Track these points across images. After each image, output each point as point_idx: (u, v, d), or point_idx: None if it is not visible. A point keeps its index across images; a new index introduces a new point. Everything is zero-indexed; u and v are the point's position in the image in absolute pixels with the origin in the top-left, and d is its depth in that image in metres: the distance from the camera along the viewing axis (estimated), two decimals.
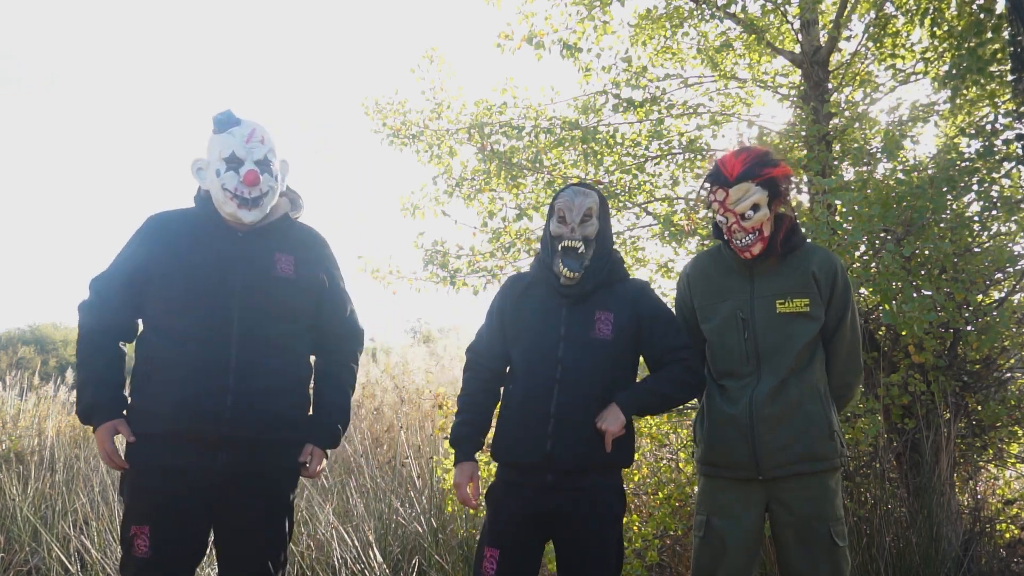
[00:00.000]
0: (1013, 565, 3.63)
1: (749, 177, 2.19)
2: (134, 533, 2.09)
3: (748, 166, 2.20)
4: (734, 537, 2.20)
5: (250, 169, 2.17)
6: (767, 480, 2.18)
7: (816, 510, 2.17)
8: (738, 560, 2.20)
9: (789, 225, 2.27)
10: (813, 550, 2.15)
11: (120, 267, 2.23)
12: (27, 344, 19.39)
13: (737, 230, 2.22)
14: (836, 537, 2.16)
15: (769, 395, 2.17)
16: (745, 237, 2.21)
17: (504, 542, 2.21)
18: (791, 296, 2.21)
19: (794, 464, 2.16)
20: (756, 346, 2.22)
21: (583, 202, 2.29)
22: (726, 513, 2.22)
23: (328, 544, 3.68)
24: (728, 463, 2.23)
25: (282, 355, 2.21)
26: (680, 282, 2.46)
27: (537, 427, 2.19)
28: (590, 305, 2.26)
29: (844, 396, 2.34)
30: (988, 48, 3.61)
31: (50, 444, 6.22)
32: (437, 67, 4.88)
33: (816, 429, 2.18)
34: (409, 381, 7.54)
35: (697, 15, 4.64)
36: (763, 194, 2.20)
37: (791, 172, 2.27)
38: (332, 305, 2.37)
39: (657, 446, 4.30)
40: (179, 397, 2.08)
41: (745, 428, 2.18)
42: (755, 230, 2.21)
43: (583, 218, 2.28)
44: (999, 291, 3.79)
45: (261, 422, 2.15)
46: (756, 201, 2.19)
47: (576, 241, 2.26)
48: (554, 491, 2.17)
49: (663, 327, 2.28)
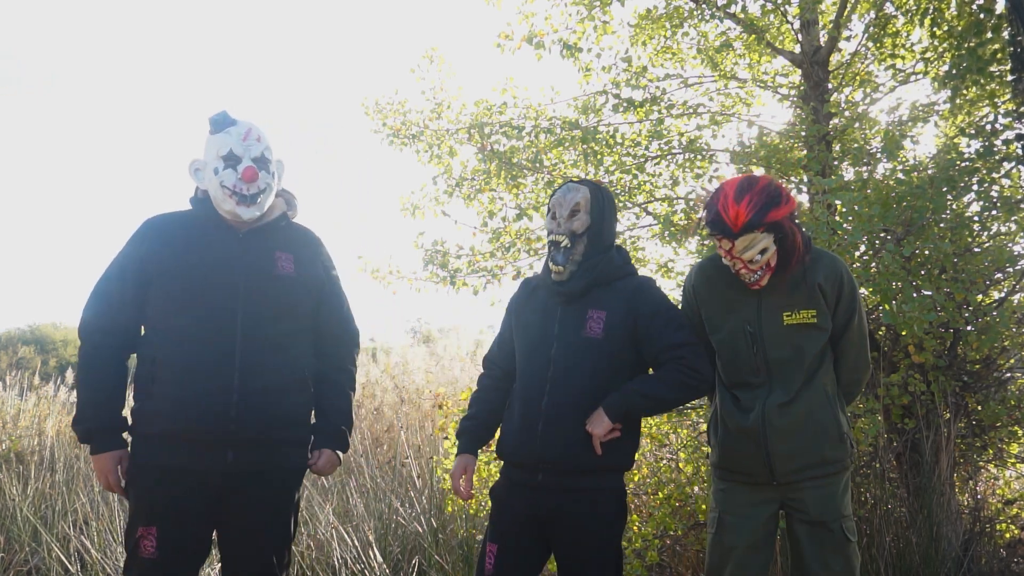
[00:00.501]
0: (1013, 565, 3.63)
1: (754, 227, 2.11)
2: (141, 534, 2.08)
3: (752, 216, 2.09)
4: (745, 534, 2.23)
5: (248, 165, 2.18)
6: (781, 484, 2.22)
7: (828, 509, 2.21)
8: (748, 557, 2.22)
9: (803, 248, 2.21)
10: (826, 548, 2.19)
11: (120, 268, 2.22)
12: (27, 344, 19.38)
13: (744, 272, 2.19)
14: (847, 533, 2.21)
15: (781, 407, 2.19)
16: (752, 276, 2.20)
17: (503, 539, 2.23)
18: (797, 308, 2.21)
19: (807, 470, 2.20)
20: (765, 358, 2.23)
21: (572, 197, 2.29)
22: (738, 510, 2.25)
23: (328, 544, 3.68)
24: (741, 469, 2.27)
25: (286, 353, 2.22)
26: (686, 292, 2.43)
27: (530, 426, 2.20)
28: (584, 304, 2.25)
29: (853, 391, 2.37)
30: (988, 48, 3.61)
31: (50, 444, 6.22)
32: (437, 67, 4.89)
33: (827, 436, 2.21)
34: (409, 381, 7.54)
35: (697, 15, 4.64)
36: (768, 238, 2.15)
37: (795, 205, 2.19)
38: (329, 305, 2.38)
39: (657, 446, 4.30)
40: (185, 397, 2.08)
41: (759, 439, 2.19)
42: (762, 268, 2.19)
43: (570, 212, 2.27)
44: (999, 291, 3.79)
45: (267, 421, 2.15)
46: (763, 247, 2.15)
47: (561, 235, 2.25)
48: (548, 492, 2.17)
49: (662, 324, 2.22)
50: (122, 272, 2.21)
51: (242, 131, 2.21)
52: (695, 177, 4.59)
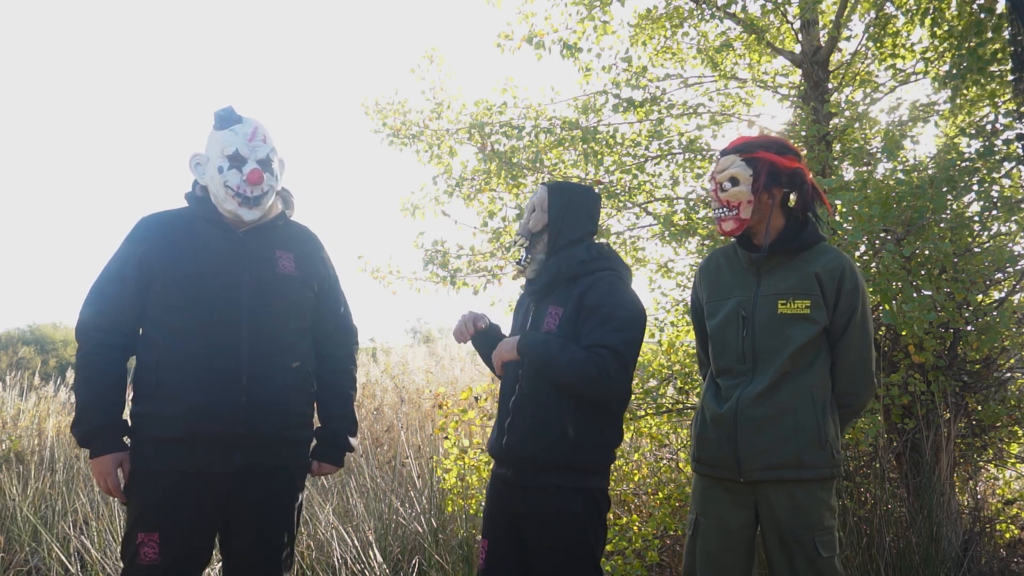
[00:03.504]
0: (1013, 565, 3.63)
1: (739, 151, 2.21)
2: (142, 541, 2.04)
3: (746, 142, 2.23)
4: (719, 537, 2.18)
5: (254, 168, 2.17)
6: (750, 483, 2.14)
7: (801, 519, 2.10)
8: (723, 560, 2.17)
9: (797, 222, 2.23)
10: (795, 559, 2.09)
11: (118, 268, 2.18)
12: (27, 344, 19.40)
13: (713, 199, 2.25)
14: (821, 547, 2.08)
15: (758, 396, 2.13)
16: (719, 209, 2.22)
17: (492, 535, 2.26)
18: (793, 297, 2.17)
19: (776, 469, 2.11)
20: (753, 345, 2.18)
21: (532, 200, 2.38)
22: (713, 513, 2.20)
23: (328, 544, 3.68)
24: (711, 461, 2.21)
25: (291, 352, 2.22)
26: (695, 277, 2.46)
27: (500, 422, 2.27)
28: (548, 301, 2.27)
29: (850, 405, 2.22)
30: (988, 48, 3.61)
31: (50, 444, 6.22)
32: (437, 67, 4.89)
33: (804, 436, 2.11)
34: (409, 381, 7.55)
35: (697, 15, 4.64)
36: (745, 171, 2.18)
37: (799, 167, 2.21)
38: (328, 304, 2.38)
39: (657, 446, 4.31)
40: (193, 400, 2.06)
41: (729, 427, 2.15)
42: (730, 206, 2.19)
43: (529, 212, 2.37)
44: (999, 291, 3.79)
45: (275, 420, 2.15)
46: (735, 175, 2.19)
47: (520, 236, 2.38)
48: (517, 488, 2.19)
49: (597, 321, 2.14)
50: (121, 272, 2.17)
51: (248, 130, 2.20)
52: (695, 177, 4.60)
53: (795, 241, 2.20)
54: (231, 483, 2.11)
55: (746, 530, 2.18)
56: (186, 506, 2.06)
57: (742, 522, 2.17)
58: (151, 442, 2.11)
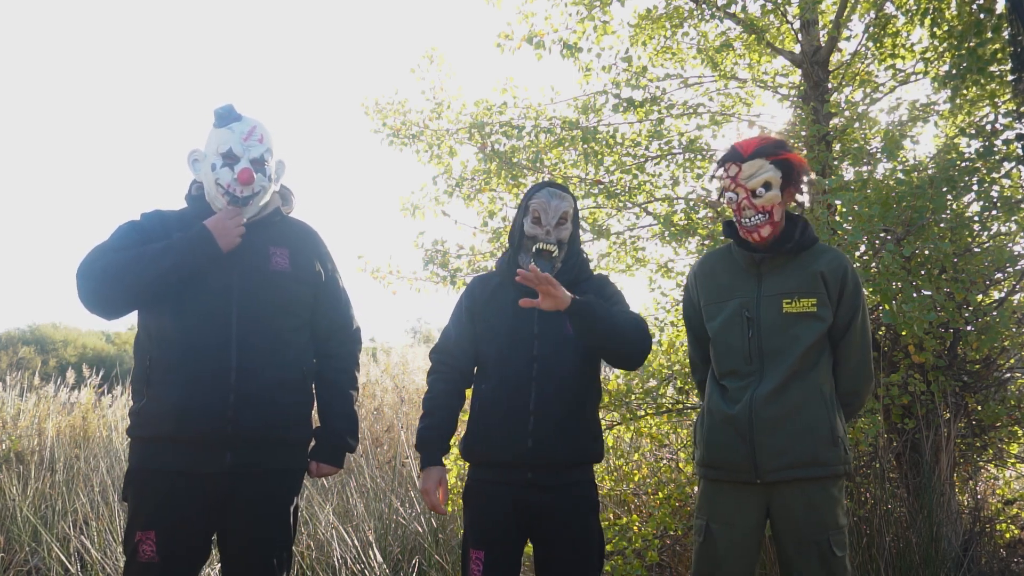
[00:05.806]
0: (1013, 565, 3.63)
1: (764, 155, 2.15)
2: (140, 539, 2.05)
3: (765, 144, 2.17)
4: (732, 543, 2.16)
5: (245, 167, 2.15)
6: (766, 484, 2.13)
7: (816, 518, 2.10)
8: (736, 566, 2.16)
9: (803, 222, 2.24)
10: (810, 559, 2.09)
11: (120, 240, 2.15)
12: (27, 344, 19.41)
13: (747, 207, 2.17)
14: (835, 547, 2.09)
15: (770, 396, 2.12)
16: (755, 216, 2.16)
17: (489, 543, 2.20)
18: (798, 296, 2.16)
19: (794, 469, 2.10)
20: (760, 345, 2.17)
21: (559, 205, 2.31)
22: (725, 519, 2.17)
23: (328, 544, 3.68)
24: (726, 465, 2.18)
25: (284, 351, 2.19)
26: (688, 280, 2.43)
27: (517, 425, 2.19)
28: None
29: (852, 404, 2.25)
30: (988, 48, 3.61)
31: (50, 444, 6.22)
32: (437, 67, 4.89)
33: (818, 434, 2.11)
34: (409, 381, 7.54)
35: (697, 15, 4.65)
36: (776, 174, 2.16)
37: (806, 164, 2.22)
38: (327, 301, 2.35)
39: (657, 446, 4.31)
40: (181, 399, 2.06)
41: (744, 429, 2.13)
42: (765, 210, 2.16)
43: (559, 221, 2.30)
44: (999, 291, 3.79)
45: (265, 420, 2.13)
46: (768, 179, 2.15)
47: (551, 245, 2.28)
48: (535, 488, 2.17)
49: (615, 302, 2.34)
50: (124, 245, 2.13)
51: (245, 129, 2.19)
52: (695, 177, 4.59)
53: (795, 241, 2.20)
54: (225, 484, 2.09)
55: (756, 533, 2.17)
56: (180, 506, 2.06)
57: (752, 525, 2.16)
58: (144, 441, 2.11)
